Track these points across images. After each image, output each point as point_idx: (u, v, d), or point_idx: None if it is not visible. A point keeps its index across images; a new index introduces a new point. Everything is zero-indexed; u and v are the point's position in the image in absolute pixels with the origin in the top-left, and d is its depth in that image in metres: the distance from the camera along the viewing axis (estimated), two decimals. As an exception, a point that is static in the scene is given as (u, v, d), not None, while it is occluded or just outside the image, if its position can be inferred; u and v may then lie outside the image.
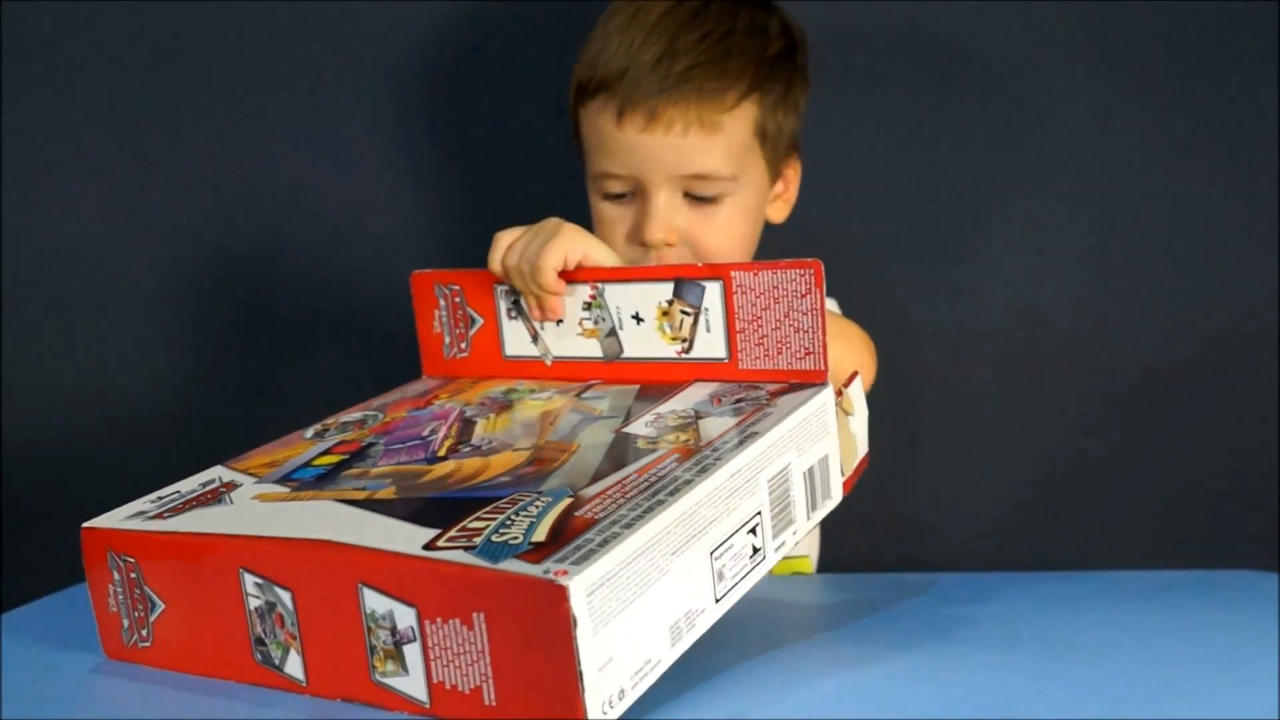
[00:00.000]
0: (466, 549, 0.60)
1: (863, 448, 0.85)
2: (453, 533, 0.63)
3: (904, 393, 1.28)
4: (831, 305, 1.15)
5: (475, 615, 0.58)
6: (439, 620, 0.60)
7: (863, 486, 0.79)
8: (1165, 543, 1.27)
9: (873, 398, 1.24)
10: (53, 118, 1.32)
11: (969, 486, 1.32)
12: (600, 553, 0.58)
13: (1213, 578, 0.96)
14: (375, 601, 0.61)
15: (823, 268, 0.78)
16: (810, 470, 0.76)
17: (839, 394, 0.81)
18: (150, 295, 1.35)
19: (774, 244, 1.12)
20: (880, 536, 0.80)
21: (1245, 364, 1.28)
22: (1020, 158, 1.28)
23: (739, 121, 1.02)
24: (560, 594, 0.56)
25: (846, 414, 0.82)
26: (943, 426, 1.32)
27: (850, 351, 0.96)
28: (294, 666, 0.65)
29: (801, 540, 0.77)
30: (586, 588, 0.57)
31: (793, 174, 1.12)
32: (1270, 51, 1.21)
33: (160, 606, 0.69)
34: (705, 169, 1.01)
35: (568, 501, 0.65)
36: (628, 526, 0.61)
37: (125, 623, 0.71)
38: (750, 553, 0.70)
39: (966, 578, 0.96)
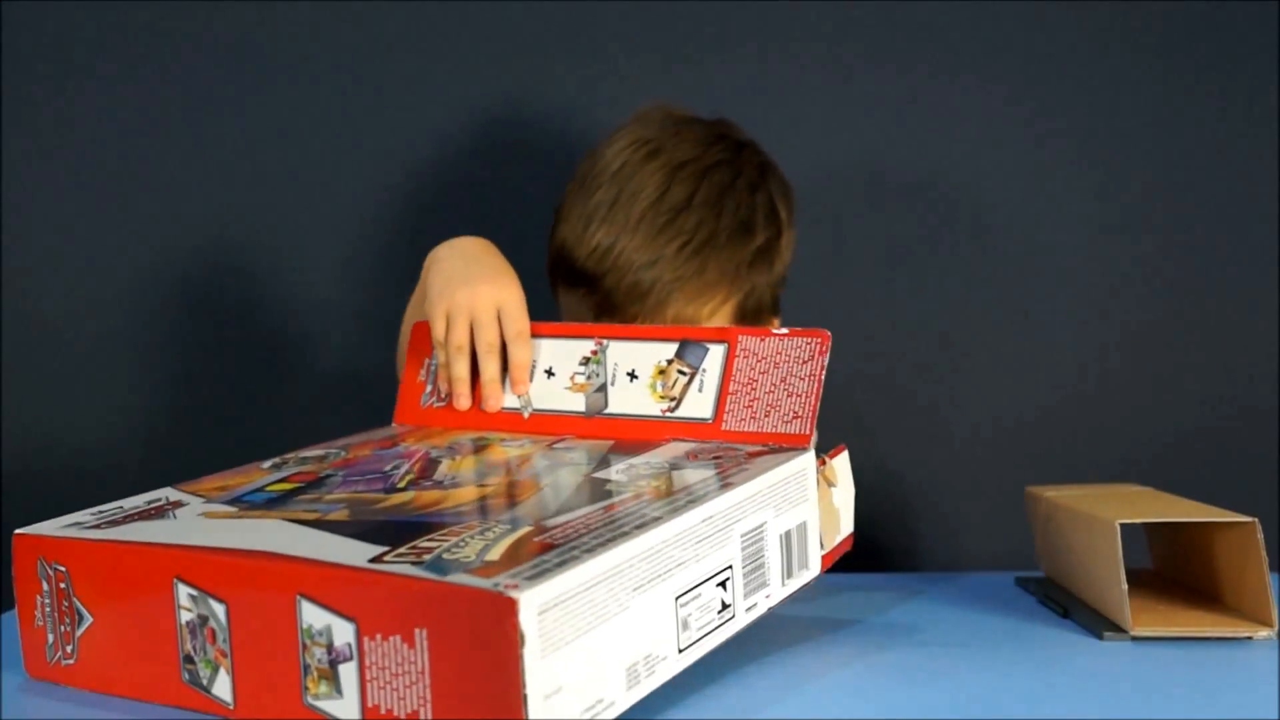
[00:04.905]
0: (414, 563, 0.57)
1: (847, 526, 0.81)
2: (402, 549, 0.59)
3: (906, 390, 1.30)
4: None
5: (417, 631, 0.54)
6: (378, 637, 0.56)
7: (862, 486, 0.78)
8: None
9: (882, 393, 1.24)
10: (49, 129, 1.30)
11: (969, 487, 1.31)
12: (556, 573, 0.55)
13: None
14: (313, 615, 0.57)
15: (830, 338, 0.77)
16: (787, 534, 0.73)
17: (822, 462, 0.78)
18: (127, 317, 1.32)
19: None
20: (879, 537, 0.79)
21: (1245, 365, 1.29)
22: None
23: (718, 322, 1.00)
24: (509, 607, 0.52)
25: (830, 485, 0.79)
26: (944, 426, 1.31)
27: None
28: (222, 688, 0.61)
29: None
30: (538, 605, 0.53)
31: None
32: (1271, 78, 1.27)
33: (88, 620, 0.65)
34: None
35: (528, 529, 0.62)
36: (589, 552, 0.57)
37: (50, 638, 0.66)
38: (719, 607, 0.66)
39: (966, 578, 0.97)
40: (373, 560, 0.57)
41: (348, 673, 0.57)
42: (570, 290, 1.00)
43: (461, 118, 1.29)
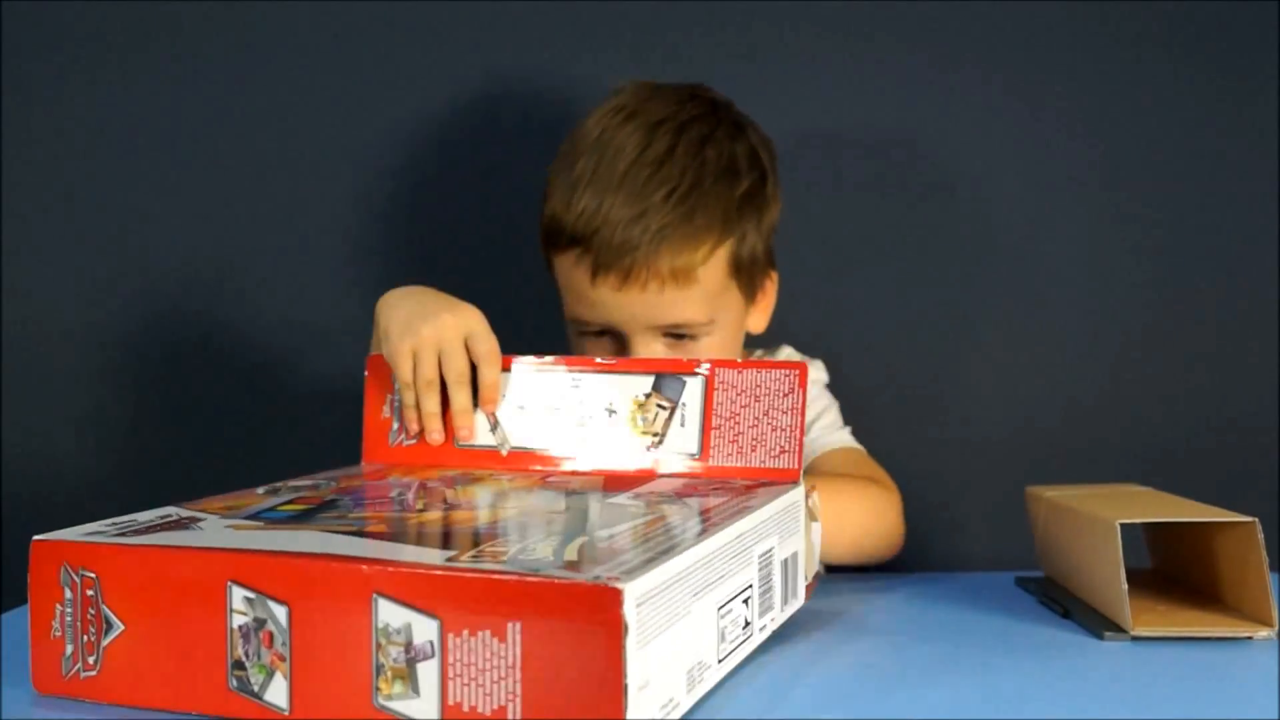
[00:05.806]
0: (495, 562, 0.58)
1: (816, 563, 0.85)
2: (473, 552, 0.60)
3: (906, 389, 1.30)
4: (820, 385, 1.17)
5: (510, 625, 0.55)
6: (465, 633, 0.56)
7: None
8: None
9: (882, 392, 1.28)
10: (45, 149, 1.29)
11: (969, 487, 1.32)
12: (644, 569, 0.57)
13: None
14: (391, 614, 0.57)
15: (809, 370, 0.80)
16: (786, 562, 0.76)
17: (806, 496, 0.82)
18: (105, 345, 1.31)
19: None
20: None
21: (1245, 365, 1.30)
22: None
23: (713, 268, 1.02)
24: (615, 598, 0.54)
25: (812, 520, 0.83)
26: (944, 426, 1.32)
27: (878, 520, 1.01)
28: (276, 693, 0.60)
29: None
30: (638, 596, 0.55)
31: (770, 285, 1.12)
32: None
33: (118, 628, 0.63)
34: (682, 319, 1.02)
35: (585, 539, 0.63)
36: (665, 553, 0.59)
37: (69, 649, 0.64)
38: (744, 623, 0.69)
39: (966, 578, 0.98)
40: (449, 561, 0.58)
41: (427, 671, 0.57)
42: (563, 254, 1.02)
43: (457, 118, 1.30)
